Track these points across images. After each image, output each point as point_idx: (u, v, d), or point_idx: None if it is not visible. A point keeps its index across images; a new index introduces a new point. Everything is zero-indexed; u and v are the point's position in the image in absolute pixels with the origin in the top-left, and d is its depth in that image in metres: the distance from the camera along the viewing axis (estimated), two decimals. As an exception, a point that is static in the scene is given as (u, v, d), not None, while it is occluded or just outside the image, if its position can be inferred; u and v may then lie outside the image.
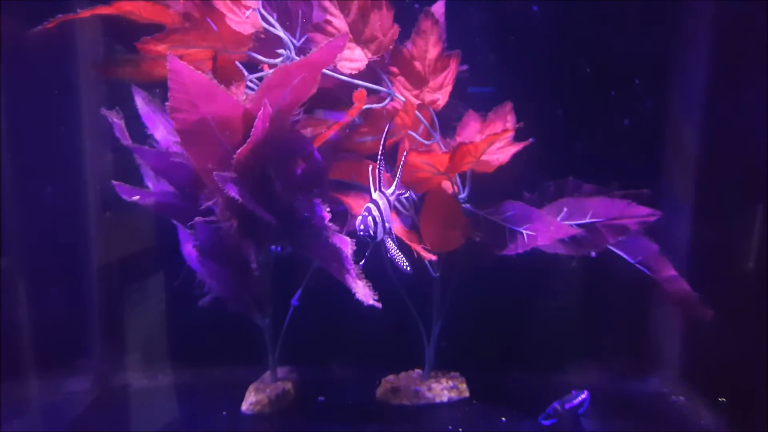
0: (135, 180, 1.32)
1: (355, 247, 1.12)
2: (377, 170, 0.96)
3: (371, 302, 1.08)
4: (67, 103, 1.45)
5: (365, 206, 0.93)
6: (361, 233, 0.92)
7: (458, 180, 1.38)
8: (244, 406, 1.35)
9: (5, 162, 1.39)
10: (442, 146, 1.36)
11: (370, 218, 0.92)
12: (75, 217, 1.49)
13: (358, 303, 1.43)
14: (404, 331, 1.49)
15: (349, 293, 1.42)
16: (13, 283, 1.44)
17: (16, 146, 1.41)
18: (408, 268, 0.96)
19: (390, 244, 0.95)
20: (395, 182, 1.01)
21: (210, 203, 1.10)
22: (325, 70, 1.15)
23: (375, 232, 0.92)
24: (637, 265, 1.30)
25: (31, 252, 1.47)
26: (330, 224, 1.06)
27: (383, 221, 0.93)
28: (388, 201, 0.98)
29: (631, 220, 1.24)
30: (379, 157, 0.97)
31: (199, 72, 0.94)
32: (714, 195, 1.44)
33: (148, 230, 1.46)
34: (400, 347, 1.53)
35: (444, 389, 1.42)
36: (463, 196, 1.39)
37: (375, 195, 0.96)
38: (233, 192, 1.01)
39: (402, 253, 0.96)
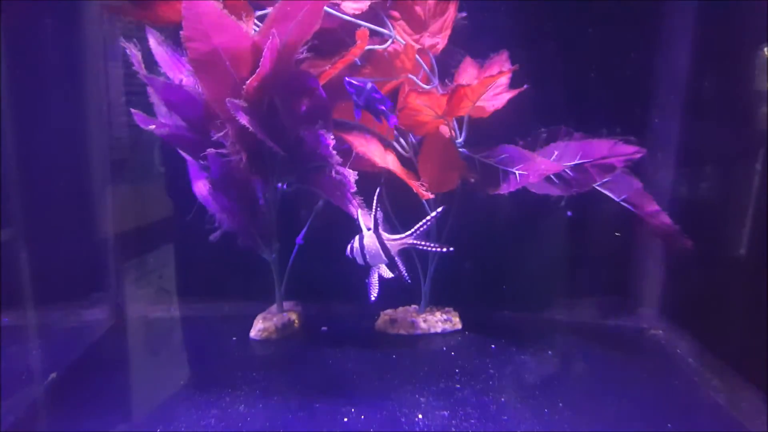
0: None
1: (356, 177, 1.21)
2: (373, 215, 1.14)
3: (370, 228, 1.17)
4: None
5: (355, 237, 1.16)
6: (347, 254, 1.17)
7: (455, 125, 1.46)
8: (253, 333, 1.45)
9: (26, 113, 1.46)
10: (441, 90, 1.42)
11: (349, 247, 1.17)
12: (92, 159, 1.57)
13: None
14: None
15: (350, 233, 1.53)
16: (35, 220, 1.52)
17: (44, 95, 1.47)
18: (374, 297, 1.17)
19: (373, 276, 1.17)
20: (406, 234, 1.15)
21: (220, 135, 1.17)
22: (329, 9, 1.20)
23: (353, 257, 1.16)
24: (621, 203, 1.39)
25: (52, 193, 1.56)
26: (334, 152, 1.13)
27: (362, 254, 1.15)
28: (382, 244, 1.14)
29: (618, 159, 1.31)
30: (374, 206, 1.13)
31: (212, 2, 1.00)
32: (696, 142, 1.52)
33: (160, 170, 1.54)
34: (397, 285, 1.64)
35: (438, 321, 1.52)
36: (459, 140, 1.46)
37: (365, 233, 1.16)
38: (244, 120, 1.08)
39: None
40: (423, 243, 1.13)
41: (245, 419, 1.07)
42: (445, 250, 1.15)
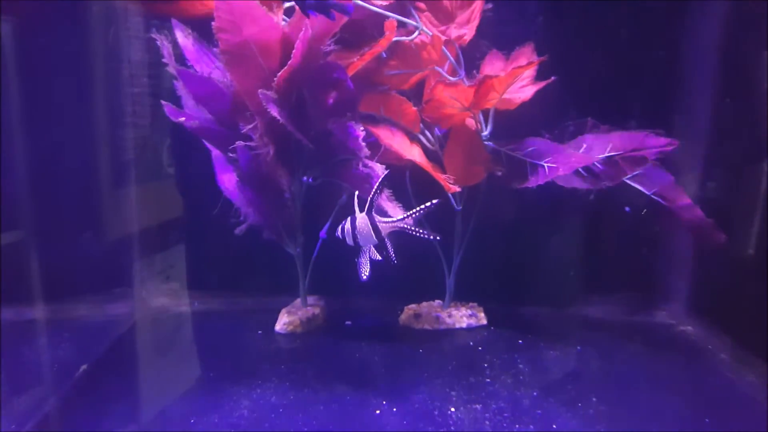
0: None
1: (386, 172, 1.20)
2: (371, 197, 1.13)
3: (401, 218, 1.16)
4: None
5: (348, 218, 1.17)
6: (336, 234, 1.18)
7: (481, 118, 1.44)
8: (278, 326, 1.45)
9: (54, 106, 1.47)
10: (467, 82, 1.41)
11: (341, 227, 1.18)
12: (115, 156, 1.58)
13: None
14: (424, 265, 1.57)
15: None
16: (59, 216, 1.53)
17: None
18: (365, 276, 1.19)
19: (363, 256, 1.18)
20: (400, 218, 1.15)
21: (249, 127, 1.17)
22: (358, 1, 1.19)
23: (343, 237, 1.17)
24: (652, 196, 1.36)
25: (76, 190, 1.57)
26: (363, 145, 1.12)
27: (353, 234, 1.16)
28: (374, 226, 1.14)
29: (650, 151, 1.29)
30: (374, 189, 1.13)
31: (244, -7, 1.00)
32: (725, 137, 1.49)
33: (184, 163, 1.54)
34: (420, 280, 1.63)
35: (463, 316, 1.51)
36: (485, 133, 1.44)
37: (358, 214, 1.17)
38: (274, 112, 1.07)
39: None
40: (414, 228, 1.13)
41: (277, 410, 1.07)
42: (432, 237, 1.15)
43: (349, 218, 1.16)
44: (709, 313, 1.53)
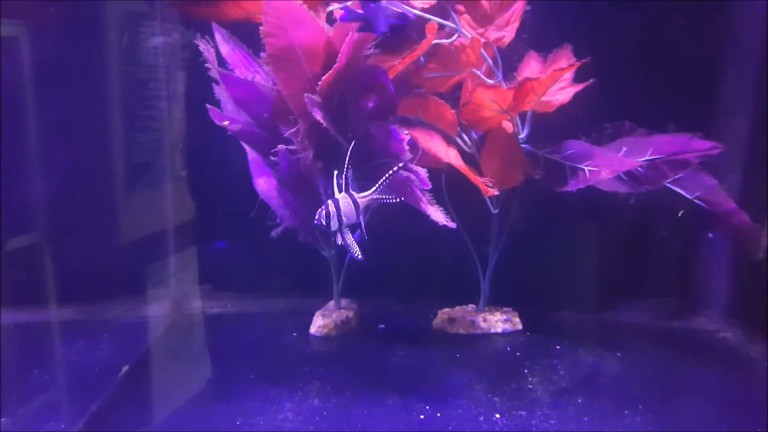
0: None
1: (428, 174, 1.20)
2: (344, 175, 1.13)
3: (444, 223, 1.15)
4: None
5: (326, 202, 1.13)
6: (316, 222, 1.13)
7: (518, 120, 1.43)
8: (313, 329, 1.45)
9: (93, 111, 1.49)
10: (505, 85, 1.40)
11: (324, 212, 1.13)
12: (150, 158, 1.60)
13: (416, 239, 1.53)
14: (455, 269, 1.57)
15: (407, 230, 1.51)
16: (92, 218, 1.56)
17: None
18: (359, 257, 1.15)
19: (348, 237, 1.15)
20: (373, 189, 1.16)
21: (291, 131, 1.17)
22: (401, 4, 1.19)
23: (328, 223, 1.13)
24: (695, 200, 1.34)
25: (111, 191, 1.59)
26: (408, 149, 1.12)
27: (339, 217, 1.12)
28: (355, 203, 1.14)
29: (693, 154, 1.27)
30: (346, 164, 1.12)
31: (292, -3, 1.00)
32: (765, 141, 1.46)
33: (219, 166, 1.55)
34: (451, 284, 1.62)
35: (498, 321, 1.50)
36: (522, 136, 1.43)
37: (338, 195, 1.14)
38: (318, 116, 1.08)
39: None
40: (385, 197, 1.14)
41: (321, 413, 1.07)
42: (398, 200, 1.15)
43: (330, 202, 1.13)
44: (750, 319, 1.50)
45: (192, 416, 1.08)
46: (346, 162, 1.12)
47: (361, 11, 1.09)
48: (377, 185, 1.15)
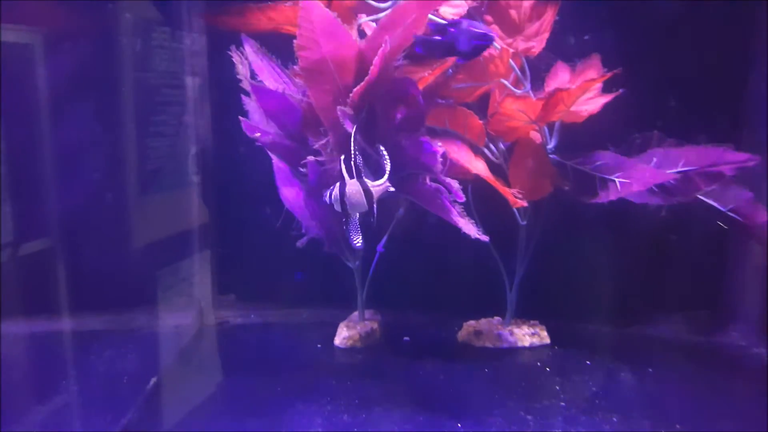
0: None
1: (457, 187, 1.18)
2: (353, 161, 1.10)
3: (476, 236, 1.14)
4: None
5: (336, 184, 1.12)
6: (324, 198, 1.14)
7: (546, 131, 1.41)
8: (337, 341, 1.44)
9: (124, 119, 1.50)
10: (533, 95, 1.38)
11: (327, 193, 1.13)
12: (175, 169, 1.61)
13: (439, 250, 1.52)
14: (481, 281, 1.54)
15: (432, 241, 1.50)
16: (116, 227, 1.56)
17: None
18: (358, 244, 1.14)
19: (353, 225, 1.14)
20: (384, 180, 1.13)
21: (321, 143, 1.17)
22: (431, 16, 1.19)
23: (331, 203, 1.13)
24: (729, 213, 1.31)
25: (132, 201, 1.60)
26: (440, 161, 1.11)
27: (341, 201, 1.12)
28: (367, 191, 1.11)
29: (728, 167, 1.24)
30: (352, 150, 1.09)
31: (327, 9, 1.00)
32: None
33: (244, 176, 1.56)
34: (477, 296, 1.60)
35: (525, 334, 1.47)
36: (550, 146, 1.41)
37: (348, 181, 1.12)
38: (350, 127, 1.07)
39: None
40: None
41: (351, 429, 1.05)
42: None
43: (337, 185, 1.12)
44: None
45: (222, 429, 1.07)
46: (352, 147, 1.08)
47: (437, 37, 1.10)
48: (387, 176, 1.12)
